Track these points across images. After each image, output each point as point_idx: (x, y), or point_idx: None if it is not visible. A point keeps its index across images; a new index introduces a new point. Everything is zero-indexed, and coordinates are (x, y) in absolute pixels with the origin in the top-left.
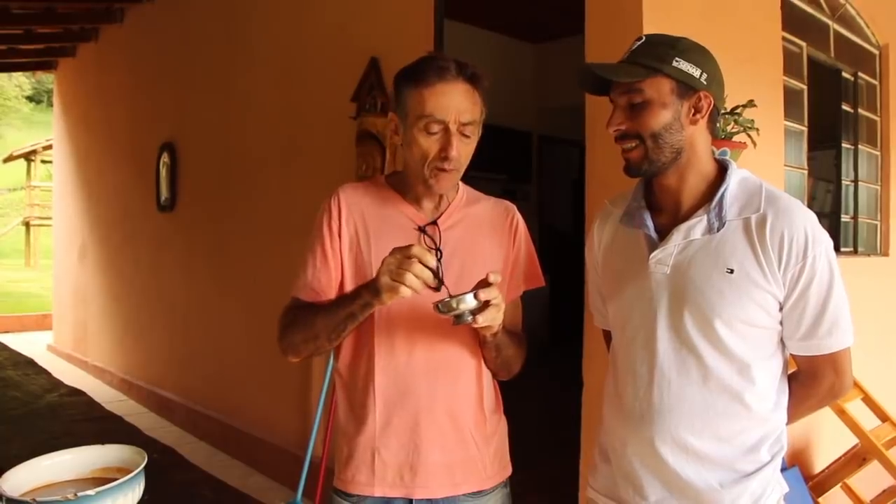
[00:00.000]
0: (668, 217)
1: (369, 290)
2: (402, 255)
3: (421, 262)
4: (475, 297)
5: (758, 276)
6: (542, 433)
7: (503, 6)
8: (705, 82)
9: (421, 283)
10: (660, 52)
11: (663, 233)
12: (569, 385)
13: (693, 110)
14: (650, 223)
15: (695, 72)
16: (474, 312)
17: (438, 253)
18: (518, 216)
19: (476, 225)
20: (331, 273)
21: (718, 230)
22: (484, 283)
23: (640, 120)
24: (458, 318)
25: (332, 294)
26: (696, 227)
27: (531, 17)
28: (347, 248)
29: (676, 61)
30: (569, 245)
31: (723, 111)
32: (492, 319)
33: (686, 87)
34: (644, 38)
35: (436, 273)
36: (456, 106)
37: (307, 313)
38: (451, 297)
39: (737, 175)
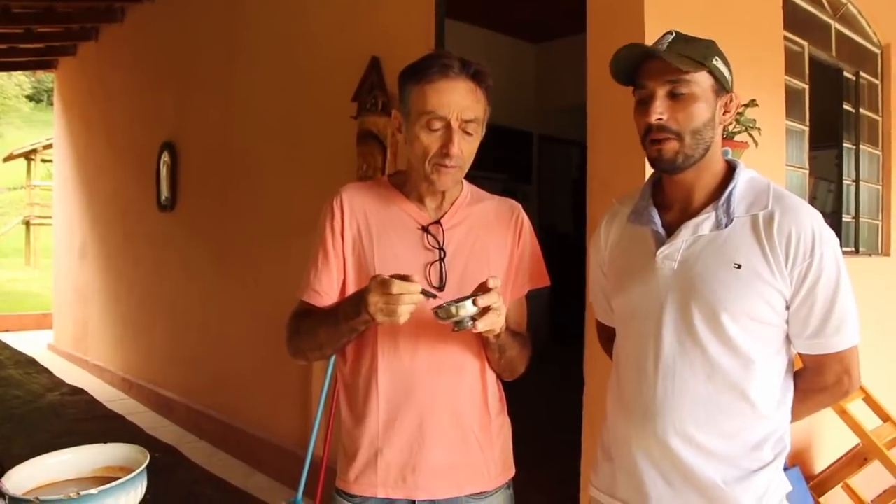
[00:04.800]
0: (676, 214)
1: (369, 314)
2: (385, 292)
3: (404, 295)
4: (474, 303)
5: (765, 272)
6: (543, 433)
7: (504, 6)
8: (731, 85)
9: (414, 307)
10: (700, 48)
11: (671, 230)
12: (569, 385)
13: (724, 110)
14: (658, 219)
15: (727, 73)
16: (474, 318)
17: (441, 252)
18: (523, 215)
19: (480, 224)
20: (332, 275)
21: (726, 226)
22: (483, 288)
23: (684, 113)
24: (458, 324)
25: (334, 296)
26: (705, 223)
27: (532, 16)
28: (350, 249)
29: (716, 59)
30: (569, 245)
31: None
32: (492, 324)
33: (720, 87)
34: (675, 33)
35: (426, 293)
36: (458, 103)
37: (311, 324)
38: (450, 303)
39: (745, 174)
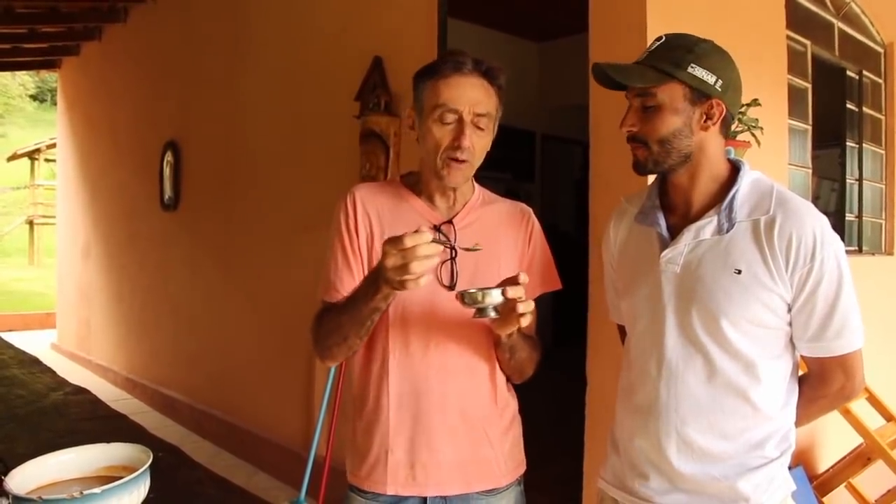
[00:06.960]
0: (680, 217)
1: (389, 284)
2: (399, 248)
3: (419, 245)
4: (503, 293)
5: (765, 278)
6: (544, 434)
7: (507, 5)
8: (720, 89)
9: (433, 261)
10: (676, 56)
11: (675, 232)
12: (571, 386)
13: (705, 117)
14: (662, 222)
15: (709, 78)
16: (497, 309)
17: (453, 252)
18: (534, 219)
19: (491, 226)
20: (353, 271)
21: (728, 231)
22: (513, 283)
23: (650, 124)
24: (481, 311)
25: None
26: (707, 227)
27: (535, 15)
28: (365, 246)
29: (692, 67)
30: (571, 245)
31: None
32: (517, 319)
33: (699, 94)
34: (664, 38)
35: (438, 241)
36: (470, 97)
37: (333, 317)
38: (477, 289)
39: (749, 176)
